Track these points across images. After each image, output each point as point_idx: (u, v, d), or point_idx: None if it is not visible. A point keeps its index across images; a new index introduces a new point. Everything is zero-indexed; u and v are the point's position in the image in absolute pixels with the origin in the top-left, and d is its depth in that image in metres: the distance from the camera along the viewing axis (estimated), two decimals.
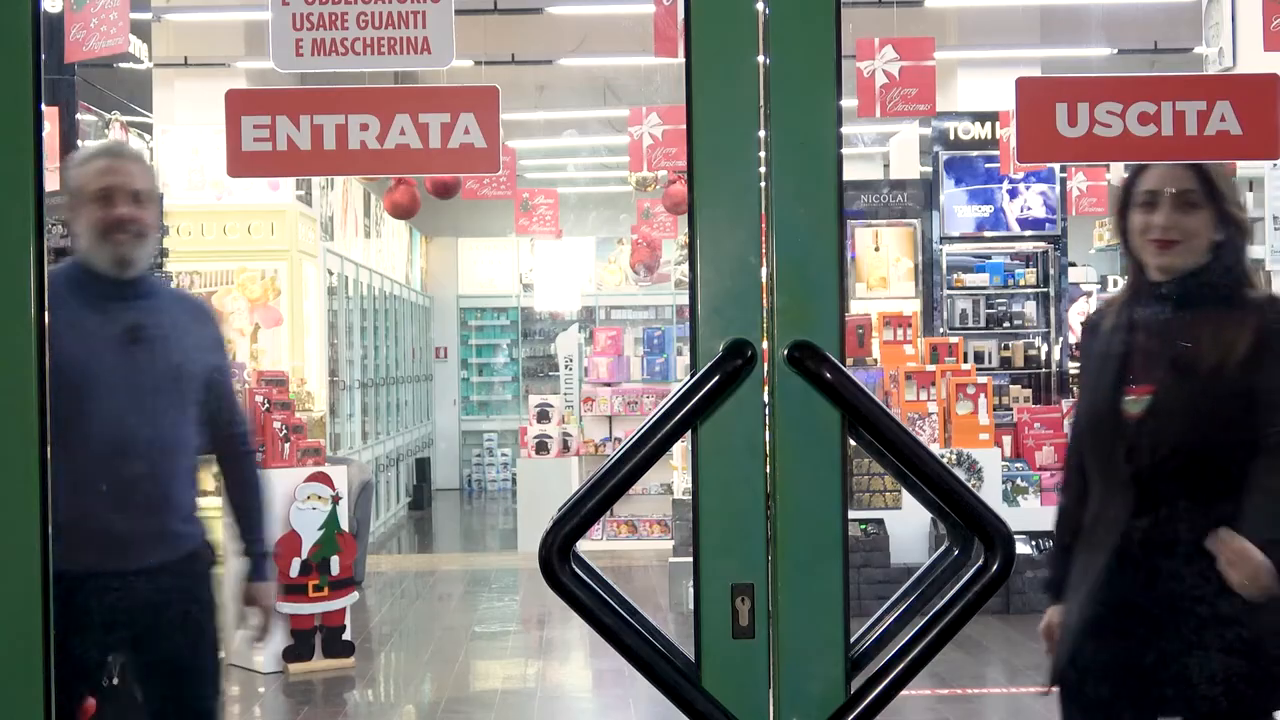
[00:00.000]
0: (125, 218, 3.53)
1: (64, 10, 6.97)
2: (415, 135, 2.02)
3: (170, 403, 3.59)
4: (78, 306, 3.53)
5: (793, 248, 1.91)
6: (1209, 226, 3.09)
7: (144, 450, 3.53)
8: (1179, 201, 3.09)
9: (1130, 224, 3.15)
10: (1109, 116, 2.04)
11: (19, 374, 1.88)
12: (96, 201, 3.52)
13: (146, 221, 3.57)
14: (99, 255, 3.54)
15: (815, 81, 1.92)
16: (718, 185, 1.92)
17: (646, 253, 15.79)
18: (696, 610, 1.92)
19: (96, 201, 3.52)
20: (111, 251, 3.53)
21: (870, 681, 1.88)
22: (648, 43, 8.17)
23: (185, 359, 3.65)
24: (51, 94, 7.31)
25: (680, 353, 13.73)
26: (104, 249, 3.53)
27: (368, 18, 2.06)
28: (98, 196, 3.52)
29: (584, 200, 18.28)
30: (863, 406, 1.87)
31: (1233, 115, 2.04)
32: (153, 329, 3.60)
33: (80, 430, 3.43)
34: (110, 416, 3.47)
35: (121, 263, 3.55)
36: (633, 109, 10.97)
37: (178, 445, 3.61)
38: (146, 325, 3.59)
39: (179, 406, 3.61)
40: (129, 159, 3.67)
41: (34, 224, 1.89)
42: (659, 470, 11.54)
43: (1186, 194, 3.09)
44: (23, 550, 1.88)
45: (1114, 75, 2.12)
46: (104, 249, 3.53)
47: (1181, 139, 2.04)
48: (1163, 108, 2.04)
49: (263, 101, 2.03)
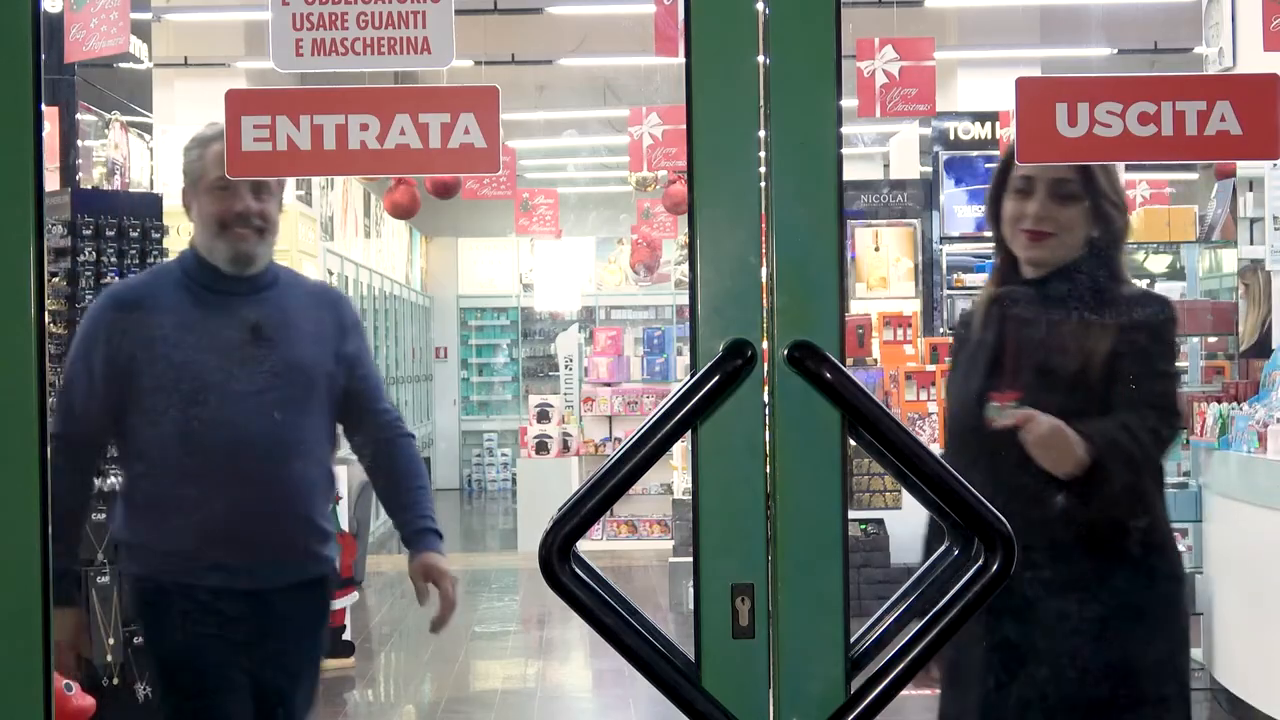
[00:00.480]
0: (246, 212, 3.22)
1: (64, 10, 6.97)
2: (415, 135, 2.02)
3: (301, 407, 3.27)
4: (192, 305, 3.26)
5: (793, 248, 1.91)
6: (1085, 221, 2.89)
7: (273, 461, 3.23)
8: (1055, 191, 2.87)
9: (1003, 211, 2.93)
10: (1109, 116, 2.04)
11: (19, 374, 1.88)
12: (215, 191, 3.21)
13: (270, 215, 3.26)
14: (217, 250, 3.25)
15: (815, 81, 1.92)
16: (718, 185, 1.92)
17: (646, 253, 15.79)
18: (696, 610, 1.92)
19: (215, 191, 3.21)
20: (231, 247, 3.24)
21: (870, 681, 1.88)
22: (648, 43, 8.17)
23: (316, 354, 3.33)
24: (51, 94, 7.31)
25: (680, 353, 13.73)
26: (222, 244, 3.24)
27: (368, 18, 2.06)
28: (217, 186, 3.20)
29: (584, 200, 18.27)
30: (863, 406, 1.87)
31: (1233, 115, 2.04)
32: (278, 325, 3.29)
33: (201, 441, 3.19)
34: (234, 425, 3.18)
35: (241, 259, 3.26)
36: (633, 109, 10.98)
37: (310, 454, 3.31)
38: (271, 322, 3.28)
39: (311, 410, 3.30)
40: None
41: (34, 224, 1.89)
42: (659, 470, 11.53)
43: (1064, 184, 2.87)
44: (23, 550, 1.88)
45: (1114, 75, 2.12)
46: (222, 244, 3.24)
47: (1181, 139, 2.04)
48: (1163, 108, 2.03)
49: (263, 101, 2.03)
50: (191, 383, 3.18)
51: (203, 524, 3.20)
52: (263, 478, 3.24)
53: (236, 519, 3.21)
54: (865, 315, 10.37)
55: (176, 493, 3.24)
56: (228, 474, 3.21)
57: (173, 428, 3.20)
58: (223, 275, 3.27)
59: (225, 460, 3.20)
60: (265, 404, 3.22)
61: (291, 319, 3.33)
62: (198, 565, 3.22)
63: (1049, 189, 2.88)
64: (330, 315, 3.42)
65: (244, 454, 3.20)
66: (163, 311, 3.26)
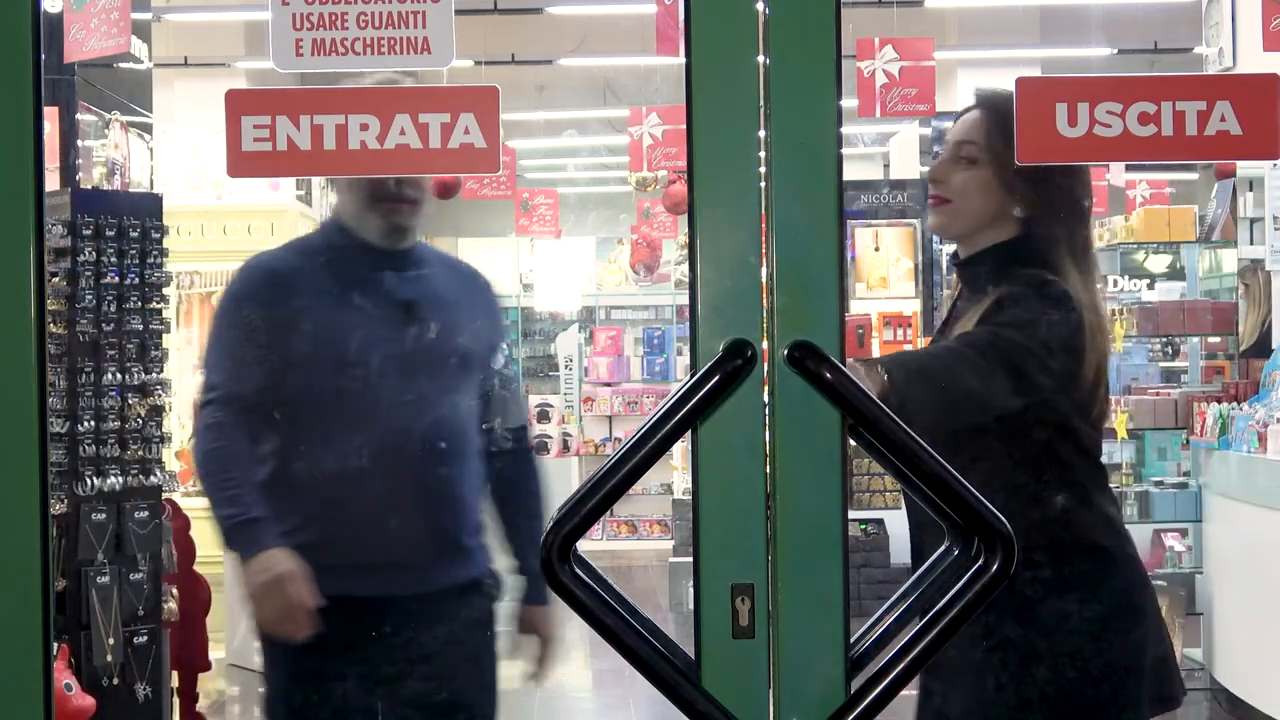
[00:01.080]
0: (402, 180, 2.99)
1: (64, 10, 6.97)
2: (415, 135, 2.02)
3: (454, 393, 3.03)
4: (340, 281, 3.03)
5: (793, 248, 1.91)
6: (986, 190, 2.66)
7: (427, 451, 2.98)
8: (954, 154, 2.68)
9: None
10: (1109, 116, 2.03)
11: (19, 374, 1.88)
12: None
13: (425, 186, 3.06)
14: (368, 222, 3.02)
15: (815, 81, 1.92)
16: (718, 185, 1.92)
17: (646, 253, 15.78)
18: (696, 610, 1.92)
19: None
20: (383, 221, 3.01)
21: (870, 681, 1.88)
22: (648, 43, 8.17)
23: (468, 339, 3.11)
24: (51, 94, 7.30)
25: (680, 353, 13.73)
26: (373, 217, 3.01)
27: (368, 18, 2.06)
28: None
29: (584, 200, 18.27)
30: (862, 406, 1.87)
31: (1233, 115, 2.04)
32: (431, 306, 3.05)
33: (347, 430, 2.95)
34: (385, 412, 2.96)
35: (394, 233, 3.04)
36: (633, 109, 10.97)
37: (464, 444, 3.05)
38: (423, 302, 3.04)
39: (464, 397, 3.05)
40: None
41: (34, 224, 1.89)
42: (659, 470, 11.53)
43: (963, 145, 2.68)
44: (23, 551, 1.88)
45: (1114, 75, 2.12)
46: (373, 217, 3.01)
47: (1182, 139, 2.04)
48: (1163, 108, 2.03)
49: (263, 101, 2.03)
50: (341, 364, 2.97)
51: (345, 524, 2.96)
52: (414, 472, 3.00)
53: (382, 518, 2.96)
54: (865, 315, 10.38)
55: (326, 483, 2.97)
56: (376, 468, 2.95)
57: (320, 412, 2.98)
58: (372, 249, 3.04)
59: (375, 453, 2.95)
60: (423, 388, 2.99)
61: (445, 299, 3.10)
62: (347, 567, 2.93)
63: (950, 152, 2.71)
64: (482, 300, 3.22)
65: (395, 447, 2.96)
66: (311, 289, 3.03)
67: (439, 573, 3.04)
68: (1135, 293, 10.10)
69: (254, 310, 3.03)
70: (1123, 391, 8.10)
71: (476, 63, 10.63)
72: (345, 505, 2.96)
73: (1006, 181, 2.66)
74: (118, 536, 5.53)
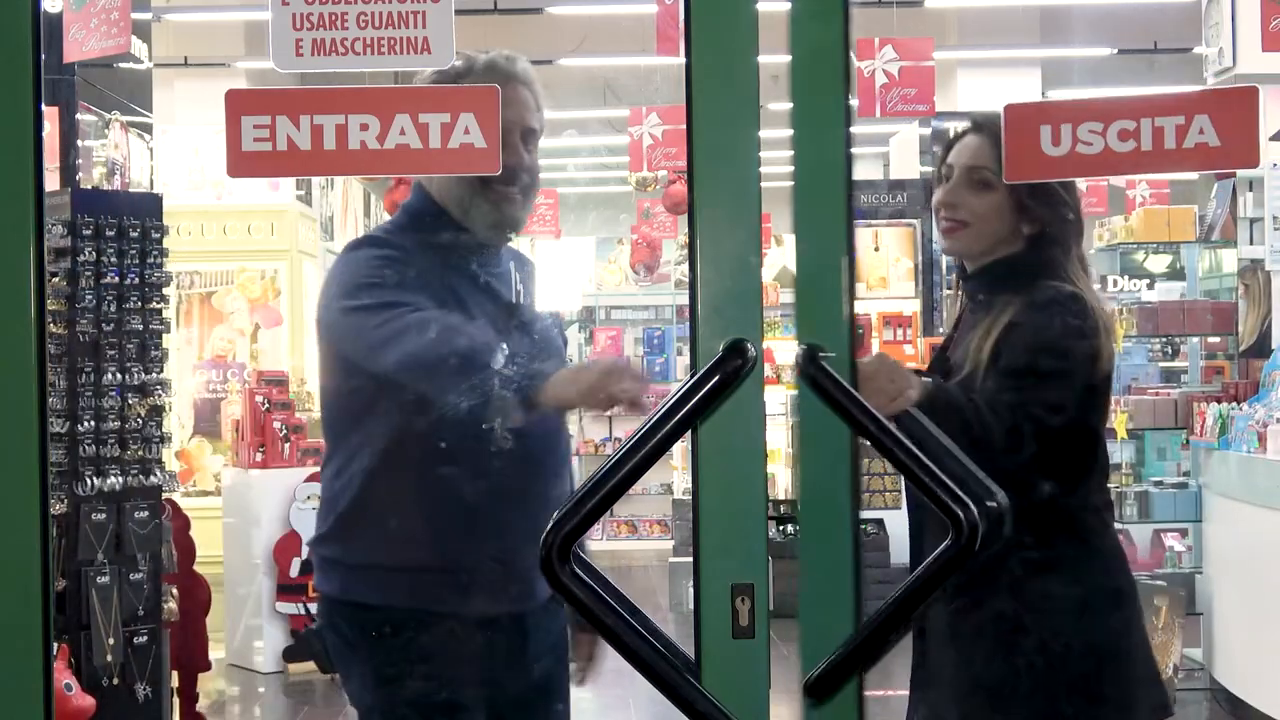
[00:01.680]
0: (518, 165, 2.64)
1: (64, 10, 6.97)
2: (415, 135, 2.02)
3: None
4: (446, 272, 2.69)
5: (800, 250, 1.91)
6: (1002, 212, 2.77)
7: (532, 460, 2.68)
8: (968, 179, 2.78)
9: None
10: (1090, 135, 2.08)
11: (19, 374, 1.88)
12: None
13: (537, 172, 2.72)
14: (476, 210, 2.68)
15: (825, 81, 1.92)
16: (718, 185, 1.92)
17: (646, 253, 15.78)
18: (696, 610, 1.92)
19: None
20: (494, 210, 2.68)
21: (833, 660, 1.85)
22: (648, 43, 8.18)
23: (557, 336, 2.88)
24: (51, 94, 7.31)
25: (680, 353, 13.73)
26: (485, 203, 2.67)
27: (368, 18, 2.06)
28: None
29: (584, 200, 18.27)
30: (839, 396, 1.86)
31: (1211, 128, 2.06)
32: (529, 304, 2.78)
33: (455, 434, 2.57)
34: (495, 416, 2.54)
35: (505, 223, 2.73)
36: (633, 109, 10.97)
37: (561, 451, 2.83)
38: (524, 301, 2.76)
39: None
40: (521, 82, 2.67)
41: (34, 224, 1.89)
42: (659, 470, 11.54)
43: (977, 170, 2.77)
44: (23, 551, 1.88)
45: (1096, 98, 2.17)
46: (485, 203, 2.67)
47: (1160, 151, 2.07)
48: (1142, 124, 2.07)
49: (263, 101, 2.03)
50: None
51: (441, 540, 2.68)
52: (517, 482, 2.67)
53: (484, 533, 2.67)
54: (865, 315, 10.38)
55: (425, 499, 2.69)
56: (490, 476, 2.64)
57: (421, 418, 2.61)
58: (476, 240, 2.71)
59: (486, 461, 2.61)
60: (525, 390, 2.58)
61: (532, 293, 2.83)
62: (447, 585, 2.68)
63: (962, 176, 2.80)
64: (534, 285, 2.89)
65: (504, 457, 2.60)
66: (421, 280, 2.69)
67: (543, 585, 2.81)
68: (1135, 293, 10.09)
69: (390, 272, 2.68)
70: (1123, 391, 8.10)
71: None
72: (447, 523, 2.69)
73: (1019, 201, 2.77)
74: (118, 536, 5.54)
